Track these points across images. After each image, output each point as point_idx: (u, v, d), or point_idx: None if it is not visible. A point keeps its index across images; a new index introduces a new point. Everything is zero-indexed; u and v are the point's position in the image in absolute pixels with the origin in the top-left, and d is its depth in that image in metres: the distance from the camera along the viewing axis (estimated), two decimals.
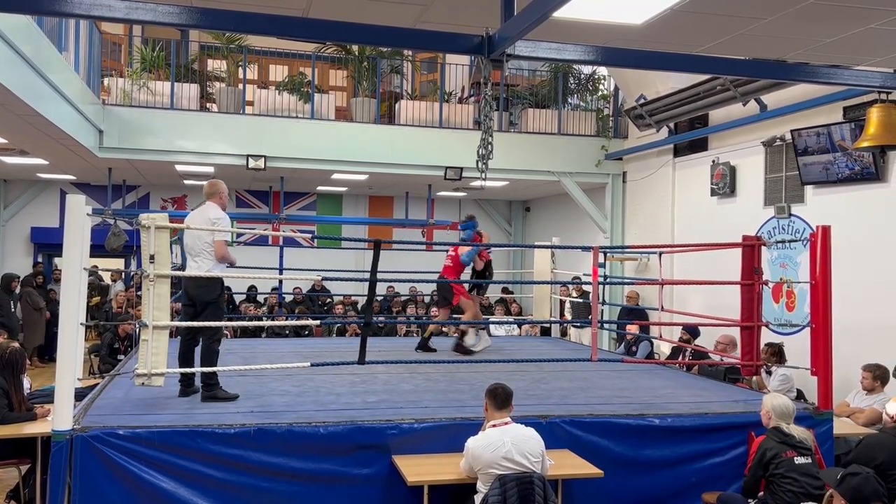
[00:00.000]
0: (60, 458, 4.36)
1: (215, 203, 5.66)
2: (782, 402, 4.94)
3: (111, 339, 9.53)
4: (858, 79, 5.89)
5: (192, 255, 5.57)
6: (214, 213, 5.54)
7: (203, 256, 5.50)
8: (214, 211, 5.57)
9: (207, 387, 5.47)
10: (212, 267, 5.50)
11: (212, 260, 5.50)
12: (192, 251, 5.55)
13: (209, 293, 5.52)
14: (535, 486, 4.26)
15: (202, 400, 5.44)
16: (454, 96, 13.22)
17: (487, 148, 5.07)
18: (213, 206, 5.63)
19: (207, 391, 5.47)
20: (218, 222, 5.47)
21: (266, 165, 11.15)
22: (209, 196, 5.70)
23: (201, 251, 5.50)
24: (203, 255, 5.50)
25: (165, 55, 11.68)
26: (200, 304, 5.56)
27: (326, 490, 4.74)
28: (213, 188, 5.72)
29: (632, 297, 11.43)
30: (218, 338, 5.59)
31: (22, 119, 7.99)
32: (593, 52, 5.22)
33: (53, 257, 15.15)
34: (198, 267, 5.50)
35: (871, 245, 7.86)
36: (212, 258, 5.50)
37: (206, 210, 5.60)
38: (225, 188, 5.78)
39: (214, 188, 5.72)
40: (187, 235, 5.58)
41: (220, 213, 5.56)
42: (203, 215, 5.56)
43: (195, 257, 5.54)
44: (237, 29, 6.38)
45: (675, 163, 11.21)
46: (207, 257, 5.50)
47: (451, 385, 6.38)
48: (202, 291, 5.52)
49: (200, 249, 5.50)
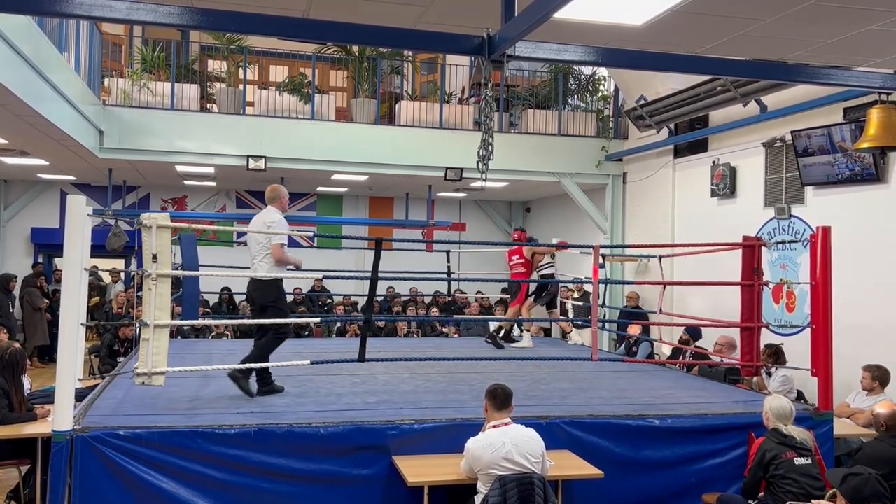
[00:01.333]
0: (61, 459, 4.36)
1: (276, 207, 5.88)
2: (780, 405, 4.95)
3: (111, 341, 9.54)
4: (859, 80, 5.90)
5: (252, 259, 5.76)
6: (270, 217, 5.73)
7: (260, 259, 5.67)
8: (271, 215, 5.78)
9: (263, 382, 5.71)
10: (269, 269, 5.63)
11: (269, 263, 5.64)
12: (253, 254, 5.74)
13: (266, 296, 5.69)
14: (536, 487, 4.26)
15: (258, 394, 5.65)
16: (454, 97, 13.23)
17: (488, 148, 5.07)
18: (272, 210, 5.85)
19: (263, 386, 5.71)
20: (273, 225, 5.64)
21: (266, 166, 11.15)
22: (270, 200, 5.93)
23: (258, 254, 5.68)
24: (260, 258, 5.67)
25: (166, 56, 11.68)
26: (260, 307, 5.74)
27: (326, 491, 4.74)
28: (273, 192, 5.95)
29: (632, 298, 11.42)
30: (278, 336, 5.76)
31: (22, 119, 7.99)
32: (594, 52, 5.23)
33: (54, 258, 15.15)
34: (256, 270, 5.66)
35: (871, 246, 7.86)
36: (269, 261, 5.65)
37: (265, 214, 5.83)
38: (285, 192, 6.02)
39: (275, 192, 5.95)
40: (249, 239, 5.79)
41: (276, 217, 5.75)
42: (261, 219, 5.78)
43: (254, 260, 5.72)
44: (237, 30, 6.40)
45: (675, 164, 11.21)
46: (265, 260, 5.65)
47: (451, 386, 6.39)
48: (259, 294, 5.72)
49: (257, 252, 5.68)
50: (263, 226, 5.67)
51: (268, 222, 5.67)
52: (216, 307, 13.53)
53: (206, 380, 6.23)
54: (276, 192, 5.95)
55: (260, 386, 5.71)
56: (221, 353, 8.10)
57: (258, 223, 5.75)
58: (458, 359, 7.31)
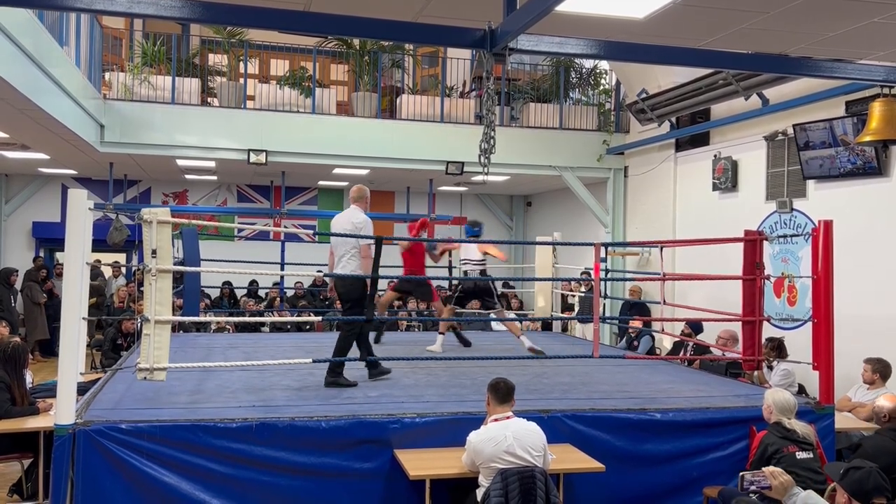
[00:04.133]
0: (63, 453, 4.36)
1: (360, 207, 6.09)
2: (784, 398, 4.94)
3: (114, 335, 9.56)
4: (861, 73, 5.89)
5: (338, 256, 5.96)
6: (358, 218, 5.97)
7: (348, 257, 5.89)
8: (358, 215, 6.00)
9: (332, 373, 5.85)
10: (356, 268, 5.87)
11: (357, 261, 5.88)
12: (339, 252, 5.94)
13: (354, 291, 5.92)
14: (537, 481, 4.26)
15: (325, 385, 5.81)
16: (455, 91, 13.20)
17: (490, 142, 5.07)
18: (357, 210, 6.06)
19: (331, 377, 5.84)
20: (361, 226, 5.90)
21: (267, 160, 11.15)
22: (355, 201, 6.13)
23: (346, 252, 5.90)
24: (348, 256, 5.89)
25: (166, 49, 11.66)
26: (348, 302, 5.98)
27: (328, 484, 4.74)
28: (359, 193, 6.16)
29: (635, 292, 11.43)
30: (356, 331, 5.97)
31: (23, 113, 7.98)
32: (595, 46, 5.22)
33: (55, 252, 15.16)
34: (343, 268, 5.90)
35: (872, 240, 7.85)
36: (357, 259, 5.88)
37: (352, 214, 6.03)
38: (368, 192, 6.21)
39: (360, 193, 6.16)
40: (334, 238, 5.98)
41: (363, 217, 5.99)
42: (348, 218, 5.99)
43: (341, 258, 5.93)
44: (238, 23, 6.39)
45: (676, 157, 11.19)
46: (352, 258, 5.89)
47: (453, 379, 6.39)
48: (348, 290, 5.95)
49: (345, 251, 5.88)
50: (351, 225, 5.89)
51: (355, 222, 5.90)
52: (217, 301, 13.54)
53: (208, 374, 6.23)
54: (360, 193, 6.14)
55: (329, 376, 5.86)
56: (222, 347, 8.10)
57: (344, 223, 5.96)
58: (459, 357, 7.32)
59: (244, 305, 13.22)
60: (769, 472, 3.74)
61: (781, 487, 3.69)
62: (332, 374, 5.87)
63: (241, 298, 13.71)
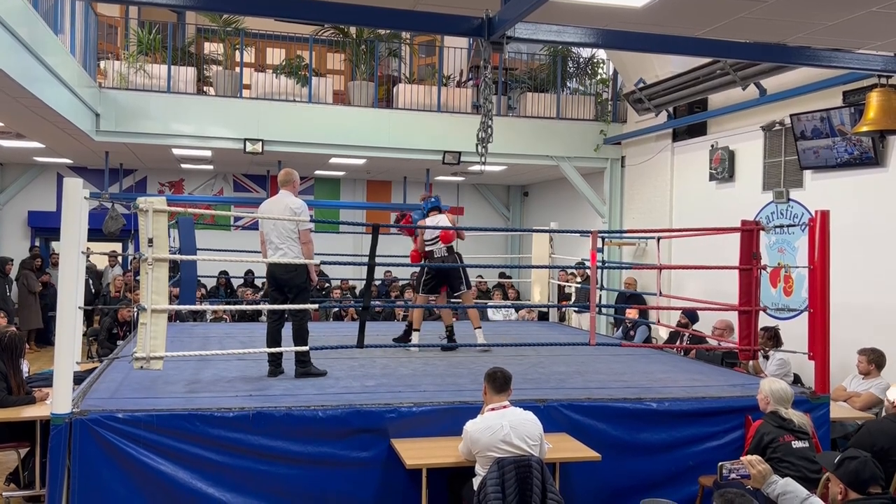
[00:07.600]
0: (59, 442, 4.37)
1: (289, 191, 5.93)
2: (781, 387, 4.95)
3: (110, 324, 9.55)
4: (859, 62, 5.88)
5: (275, 243, 5.79)
6: (294, 203, 5.81)
7: (290, 244, 5.75)
8: (294, 200, 5.84)
9: (301, 363, 5.79)
10: (298, 253, 5.74)
11: (298, 246, 5.76)
12: (276, 239, 5.78)
13: (300, 277, 5.79)
14: (534, 470, 4.28)
15: (296, 376, 5.74)
16: (452, 80, 13.16)
17: (487, 131, 5.06)
18: (290, 195, 5.90)
19: (302, 367, 5.79)
20: (298, 210, 5.75)
21: (263, 149, 11.11)
22: (283, 184, 5.97)
23: (287, 238, 5.75)
24: (290, 243, 5.75)
25: (162, 38, 11.60)
26: (292, 289, 5.80)
27: (325, 473, 4.76)
28: (287, 176, 6.01)
29: (630, 284, 11.43)
30: (309, 318, 5.92)
31: (18, 102, 7.94)
32: (593, 34, 5.20)
33: (51, 241, 15.12)
34: (285, 254, 5.73)
35: (869, 230, 7.86)
36: (298, 244, 5.75)
37: (285, 199, 5.85)
38: (297, 175, 6.09)
39: (289, 176, 6.01)
40: (266, 224, 5.83)
41: (299, 201, 5.84)
42: (283, 204, 5.80)
43: (281, 245, 5.76)
44: (234, 10, 6.36)
45: (673, 147, 11.18)
46: (294, 244, 5.75)
47: (450, 369, 6.40)
48: (293, 276, 5.77)
49: (286, 237, 5.75)
50: (288, 210, 5.73)
51: (293, 207, 5.74)
52: (214, 291, 13.53)
53: (205, 363, 6.23)
54: (290, 176, 6.01)
55: (299, 367, 5.80)
56: (219, 336, 8.10)
57: (281, 208, 5.77)
58: (458, 345, 7.33)
59: (241, 295, 13.21)
60: (747, 461, 3.77)
61: (760, 476, 3.72)
62: (301, 366, 5.80)
63: (237, 288, 13.70)
